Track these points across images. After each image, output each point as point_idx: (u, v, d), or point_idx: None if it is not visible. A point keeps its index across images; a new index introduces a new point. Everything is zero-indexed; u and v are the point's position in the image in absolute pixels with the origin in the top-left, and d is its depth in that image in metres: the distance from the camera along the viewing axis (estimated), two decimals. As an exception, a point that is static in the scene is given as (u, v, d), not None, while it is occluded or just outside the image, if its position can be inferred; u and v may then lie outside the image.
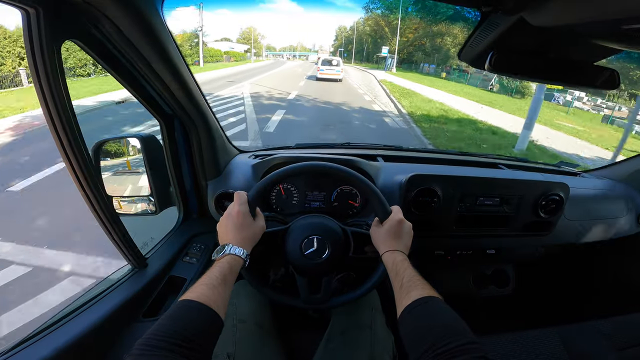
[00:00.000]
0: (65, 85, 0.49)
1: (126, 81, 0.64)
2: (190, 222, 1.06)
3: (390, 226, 0.73)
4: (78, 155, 0.55)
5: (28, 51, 0.44)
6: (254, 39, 68.03)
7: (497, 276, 1.22)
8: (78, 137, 0.54)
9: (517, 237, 1.08)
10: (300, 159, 0.94)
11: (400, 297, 0.60)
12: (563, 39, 0.60)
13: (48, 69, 0.46)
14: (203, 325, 0.48)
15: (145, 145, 0.85)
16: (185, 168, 0.95)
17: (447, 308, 0.55)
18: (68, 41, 0.50)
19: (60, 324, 0.68)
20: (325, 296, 0.75)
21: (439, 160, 1.16)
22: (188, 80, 0.71)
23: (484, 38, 0.64)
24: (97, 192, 0.63)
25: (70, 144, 0.53)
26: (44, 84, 0.46)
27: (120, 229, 0.74)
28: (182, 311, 0.49)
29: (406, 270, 0.64)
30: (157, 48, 0.59)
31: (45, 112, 0.48)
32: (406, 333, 0.55)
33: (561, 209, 1.03)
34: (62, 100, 0.49)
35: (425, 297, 0.56)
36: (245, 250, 0.65)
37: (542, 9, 0.49)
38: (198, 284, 0.54)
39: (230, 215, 0.68)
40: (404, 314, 0.56)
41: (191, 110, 0.79)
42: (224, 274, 0.57)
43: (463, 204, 0.99)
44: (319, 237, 0.75)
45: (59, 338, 0.64)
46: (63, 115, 0.50)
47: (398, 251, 0.69)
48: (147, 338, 0.43)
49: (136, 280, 0.84)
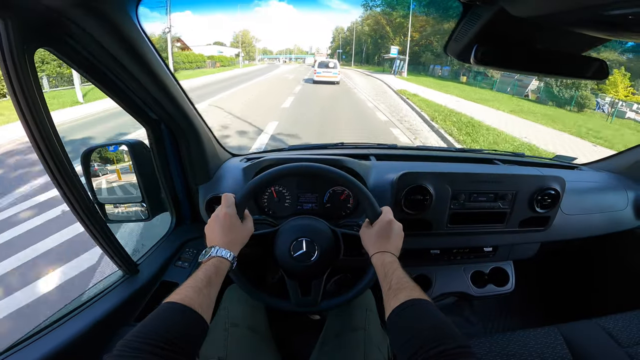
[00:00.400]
0: (41, 93, 0.49)
1: (106, 88, 0.64)
2: (183, 227, 1.05)
3: (379, 227, 0.72)
4: (58, 163, 0.55)
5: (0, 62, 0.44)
6: (248, 43, 66.81)
7: (495, 274, 1.20)
8: (57, 145, 0.54)
9: (514, 234, 1.07)
10: (291, 160, 0.93)
11: (388, 299, 0.58)
12: (547, 29, 0.59)
13: (22, 78, 0.45)
14: (186, 327, 0.48)
15: (133, 151, 0.84)
16: (176, 173, 0.94)
17: (436, 310, 0.54)
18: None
19: (50, 329, 0.68)
20: (315, 299, 0.74)
21: (432, 158, 1.15)
22: (170, 85, 0.71)
23: (468, 31, 0.63)
24: (81, 200, 0.63)
25: (49, 152, 0.53)
26: (18, 93, 0.46)
27: (109, 236, 0.73)
28: (165, 313, 0.48)
29: (395, 272, 0.62)
30: (133, 54, 0.58)
31: (22, 120, 0.48)
32: (394, 336, 0.54)
33: (557, 203, 1.01)
34: (39, 108, 0.49)
35: (414, 299, 0.55)
36: (232, 252, 0.64)
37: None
38: (183, 287, 0.53)
39: (218, 218, 0.68)
40: (392, 316, 0.55)
41: (176, 115, 0.78)
42: (209, 276, 0.57)
43: (456, 200, 0.97)
44: (307, 239, 0.74)
45: (48, 343, 0.64)
46: (40, 123, 0.50)
47: (387, 252, 0.68)
48: (128, 340, 0.43)
49: (128, 286, 0.84)
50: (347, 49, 58.20)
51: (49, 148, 0.53)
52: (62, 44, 0.52)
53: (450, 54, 0.73)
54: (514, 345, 0.86)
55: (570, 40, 0.61)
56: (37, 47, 0.48)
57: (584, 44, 0.62)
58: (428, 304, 0.55)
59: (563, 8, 0.42)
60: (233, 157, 1.14)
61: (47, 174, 0.56)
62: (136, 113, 0.75)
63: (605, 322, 0.92)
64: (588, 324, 0.93)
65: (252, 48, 70.58)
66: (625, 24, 0.44)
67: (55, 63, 10.64)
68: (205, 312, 0.51)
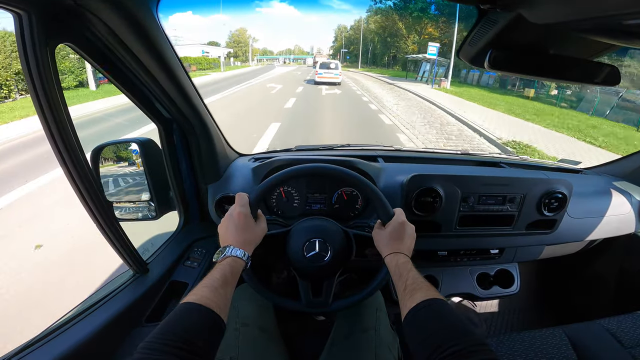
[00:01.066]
0: (60, 90, 0.49)
1: (122, 85, 0.64)
2: (191, 226, 1.05)
3: (392, 228, 0.72)
4: (75, 160, 0.55)
5: (21, 55, 0.44)
6: (244, 42, 62.77)
7: (500, 276, 1.21)
8: (75, 142, 0.53)
9: (520, 236, 1.08)
10: (301, 161, 0.93)
11: (404, 299, 0.59)
12: (562, 35, 0.59)
13: (42, 73, 0.45)
14: (204, 327, 0.48)
15: (143, 149, 0.84)
16: (185, 172, 0.94)
17: (452, 310, 0.55)
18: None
19: (62, 330, 0.67)
20: (326, 299, 0.75)
21: (439, 160, 1.16)
22: (185, 84, 0.71)
23: (483, 35, 0.63)
24: (95, 198, 0.62)
25: (67, 150, 0.53)
26: (38, 88, 0.45)
27: (121, 234, 0.73)
28: (183, 314, 0.49)
29: (410, 272, 0.63)
30: (152, 51, 0.58)
31: (41, 116, 0.48)
32: (411, 335, 0.54)
33: (565, 207, 1.02)
34: (58, 105, 0.48)
35: (430, 299, 0.56)
36: (247, 252, 0.64)
37: (540, 5, 0.48)
38: (199, 287, 0.54)
39: (232, 217, 0.68)
40: (408, 316, 0.56)
41: (189, 114, 0.78)
42: (225, 276, 0.57)
43: (465, 203, 0.98)
44: (320, 240, 0.74)
45: (61, 344, 0.64)
46: (59, 119, 0.49)
47: (401, 253, 0.68)
48: (149, 342, 0.43)
49: (138, 286, 0.84)
50: (351, 49, 53.63)
51: (66, 145, 0.52)
52: (83, 40, 0.52)
53: (464, 58, 0.74)
54: (520, 345, 0.87)
55: (583, 46, 0.62)
56: (59, 43, 0.48)
57: (596, 50, 0.63)
58: (444, 303, 0.56)
59: (583, 16, 0.43)
60: (240, 156, 1.14)
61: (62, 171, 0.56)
62: (150, 111, 0.75)
63: (609, 324, 0.94)
64: (592, 326, 0.94)
65: (248, 48, 66.74)
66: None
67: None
68: (222, 311, 0.52)
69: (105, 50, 0.56)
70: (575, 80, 0.69)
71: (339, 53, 55.24)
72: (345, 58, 52.38)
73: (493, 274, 1.20)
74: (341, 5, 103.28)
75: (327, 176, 0.80)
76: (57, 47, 0.49)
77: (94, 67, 0.58)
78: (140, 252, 0.85)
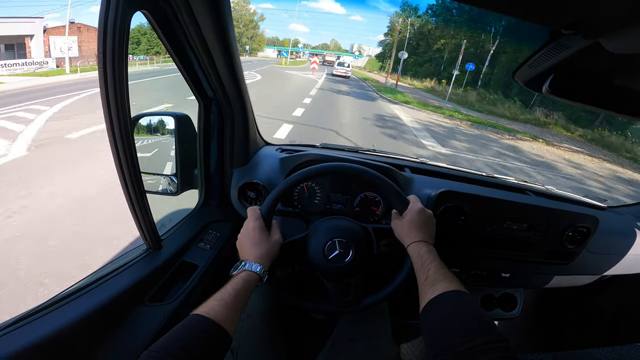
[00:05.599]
0: (126, 57, 0.48)
1: (179, 58, 0.64)
2: (208, 207, 1.04)
3: (411, 216, 0.72)
4: (123, 129, 0.54)
5: (101, 17, 0.44)
6: (245, 22, 45.36)
7: (504, 299, 1.21)
8: (127, 111, 0.53)
9: (535, 264, 1.07)
10: (329, 159, 0.92)
11: (424, 290, 0.58)
12: (632, 66, 0.58)
13: (117, 38, 0.45)
14: (209, 341, 0.49)
15: (178, 124, 0.84)
16: (214, 152, 0.93)
17: (475, 303, 0.54)
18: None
19: (70, 299, 0.65)
20: (356, 298, 0.74)
21: (465, 179, 1.14)
22: (236, 65, 0.71)
23: (548, 59, 0.61)
24: (132, 167, 0.61)
25: (118, 115, 0.52)
26: (108, 52, 0.45)
27: (146, 207, 0.72)
28: (190, 326, 0.50)
29: (432, 262, 0.62)
30: (217, 27, 0.58)
31: (102, 77, 0.47)
32: (428, 327, 0.53)
33: (586, 241, 1.01)
34: (121, 69, 0.48)
35: (451, 291, 0.55)
36: (262, 265, 0.65)
37: (626, 36, 0.46)
38: (210, 299, 0.55)
39: (247, 232, 0.69)
40: (427, 308, 0.55)
41: (233, 95, 0.78)
42: (237, 290, 0.58)
43: (488, 225, 0.97)
44: (341, 240, 0.73)
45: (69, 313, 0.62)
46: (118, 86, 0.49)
47: (423, 242, 0.68)
48: (153, 350, 0.44)
49: (149, 262, 0.82)
50: (419, 47, 30.52)
51: (118, 111, 0.51)
52: (159, 9, 0.52)
53: (519, 79, 0.72)
54: None
55: None
56: (139, 9, 0.48)
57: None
58: (467, 295, 0.55)
59: None
60: (267, 145, 1.13)
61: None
62: (196, 87, 0.74)
63: (598, 354, 0.93)
64: (582, 354, 0.94)
65: (254, 33, 48.18)
66: None
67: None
68: (230, 325, 0.52)
69: (174, 21, 0.56)
70: (630, 115, 0.68)
71: (392, 54, 29.04)
72: (402, 66, 24.32)
73: (497, 297, 1.20)
74: (388, 8, 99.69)
75: (341, 175, 0.83)
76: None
77: (159, 37, 0.58)
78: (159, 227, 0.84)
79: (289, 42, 58.76)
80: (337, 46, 78.05)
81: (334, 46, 77.61)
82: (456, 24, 27.58)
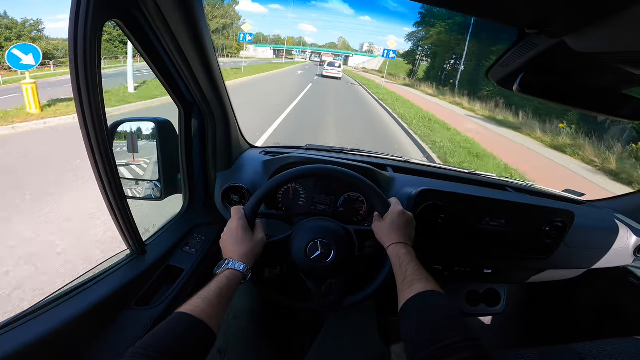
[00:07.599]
0: (100, 67, 0.48)
1: (156, 65, 0.64)
2: (193, 211, 1.04)
3: (391, 219, 0.73)
4: (99, 134, 0.53)
5: (71, 27, 0.43)
6: (222, 15, 36.35)
7: (488, 295, 1.23)
8: (102, 116, 0.52)
9: (516, 259, 1.09)
10: (313, 161, 0.93)
11: (402, 289, 0.60)
12: (597, 64, 0.60)
13: (88, 47, 0.45)
14: (194, 338, 0.49)
15: (160, 129, 0.83)
16: (197, 157, 0.93)
17: (450, 303, 0.55)
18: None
19: (52, 306, 0.65)
20: (338, 297, 0.75)
21: (446, 177, 1.16)
22: (214, 70, 0.71)
23: (518, 58, 0.63)
24: (110, 173, 0.61)
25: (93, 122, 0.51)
26: (80, 61, 0.45)
27: (127, 212, 0.72)
28: (174, 324, 0.50)
29: (410, 264, 0.64)
30: (192, 33, 0.58)
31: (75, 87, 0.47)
32: (406, 326, 0.54)
33: (564, 236, 1.03)
34: (95, 79, 0.48)
35: (427, 291, 0.56)
36: (246, 264, 0.65)
37: (590, 35, 0.48)
38: (194, 298, 0.55)
39: (231, 231, 0.70)
40: (405, 307, 0.56)
41: (212, 100, 0.78)
42: (220, 288, 0.58)
43: (468, 222, 0.98)
44: (322, 240, 0.75)
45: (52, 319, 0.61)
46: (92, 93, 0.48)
47: (402, 243, 0.69)
48: (138, 347, 0.44)
49: (134, 267, 0.82)
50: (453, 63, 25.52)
51: (93, 118, 0.51)
52: (130, 17, 0.52)
53: (493, 78, 0.74)
54: None
55: (616, 77, 0.62)
56: (109, 18, 0.48)
57: (629, 82, 0.63)
58: (442, 296, 0.56)
59: (634, 48, 0.43)
60: (251, 148, 1.13)
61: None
62: (175, 93, 0.74)
63: (581, 348, 0.95)
64: (565, 349, 0.96)
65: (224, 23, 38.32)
66: None
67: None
68: (214, 323, 0.52)
69: (148, 29, 0.56)
70: (598, 112, 0.70)
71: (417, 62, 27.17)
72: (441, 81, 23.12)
73: (481, 292, 1.22)
74: (397, 8, 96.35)
75: (322, 177, 0.84)
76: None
77: (133, 45, 0.57)
78: (141, 232, 0.83)
79: (292, 40, 56.60)
80: (346, 45, 74.13)
81: (342, 45, 73.69)
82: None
